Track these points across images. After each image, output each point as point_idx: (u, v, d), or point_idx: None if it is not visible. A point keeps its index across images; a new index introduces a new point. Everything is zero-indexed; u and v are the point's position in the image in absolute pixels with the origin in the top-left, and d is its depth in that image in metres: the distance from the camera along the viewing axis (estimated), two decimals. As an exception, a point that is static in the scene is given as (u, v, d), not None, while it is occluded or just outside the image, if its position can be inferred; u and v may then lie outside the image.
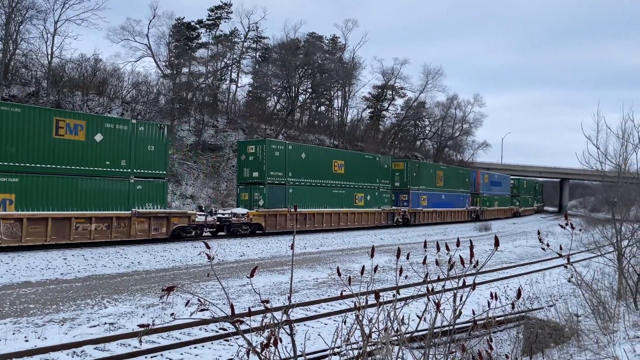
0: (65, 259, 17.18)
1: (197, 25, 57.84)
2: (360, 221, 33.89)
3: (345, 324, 4.00)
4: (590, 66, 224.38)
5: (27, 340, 8.43)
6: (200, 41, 58.38)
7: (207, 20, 58.52)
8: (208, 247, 3.61)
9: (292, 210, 27.56)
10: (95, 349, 8.14)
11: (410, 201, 39.51)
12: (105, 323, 9.68)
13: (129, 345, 8.38)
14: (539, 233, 5.43)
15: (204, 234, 24.51)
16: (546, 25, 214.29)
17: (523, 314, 8.22)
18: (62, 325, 9.45)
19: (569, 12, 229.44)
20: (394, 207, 37.75)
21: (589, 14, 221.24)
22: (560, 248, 5.38)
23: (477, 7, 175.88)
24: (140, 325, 3.23)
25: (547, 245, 4.92)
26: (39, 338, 8.59)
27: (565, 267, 5.83)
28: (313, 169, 30.40)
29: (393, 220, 37.26)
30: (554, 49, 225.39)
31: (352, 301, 4.11)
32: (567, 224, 5.18)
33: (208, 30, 59.01)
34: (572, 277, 6.79)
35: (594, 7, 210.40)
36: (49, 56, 37.47)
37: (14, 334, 8.78)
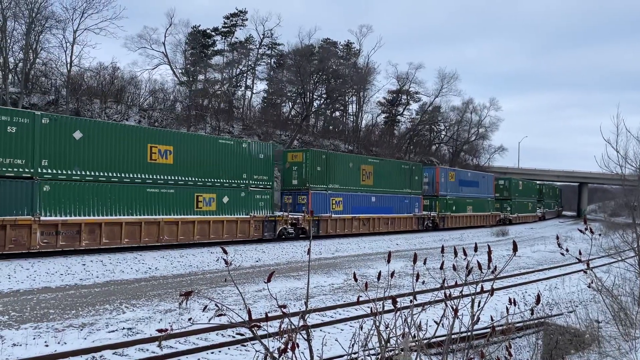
0: (84, 264, 17.39)
1: (213, 33, 58.38)
2: (192, 236, 22.13)
3: (362, 329, 3.99)
4: (604, 68, 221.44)
5: (47, 345, 8.54)
6: (215, 48, 58.92)
7: (223, 27, 59.04)
8: (225, 252, 3.64)
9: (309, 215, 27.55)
10: (114, 353, 8.22)
11: (310, 205, 28.56)
12: (124, 328, 9.77)
13: (147, 350, 8.45)
14: (557, 238, 5.37)
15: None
16: (556, 28, 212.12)
17: (542, 320, 8.11)
18: (81, 330, 9.56)
19: (578, 14, 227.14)
20: (277, 214, 26.53)
21: (598, 16, 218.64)
22: (580, 253, 5.32)
23: (485, 11, 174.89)
24: (159, 330, 3.26)
25: (567, 250, 4.87)
26: (58, 343, 8.69)
27: (585, 272, 5.75)
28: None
29: (273, 232, 26.04)
30: (565, 52, 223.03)
31: (369, 307, 4.10)
32: (586, 229, 5.11)
33: (223, 37, 59.51)
34: (592, 282, 6.68)
35: (603, 9, 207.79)
36: (68, 65, 38.10)
37: (34, 338, 8.91)
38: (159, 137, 21.59)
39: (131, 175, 20.21)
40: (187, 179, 22.21)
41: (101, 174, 19.27)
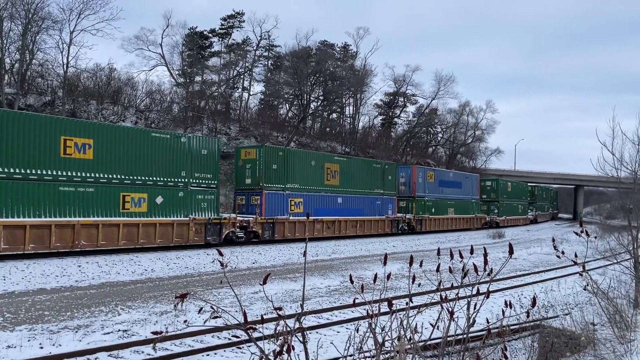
0: (79, 266, 17.34)
1: (210, 35, 58.41)
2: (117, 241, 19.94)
3: (357, 332, 3.98)
4: (600, 71, 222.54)
5: (42, 347, 8.50)
6: (213, 50, 58.95)
7: (220, 29, 59.07)
8: (221, 254, 3.63)
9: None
10: (109, 356, 8.19)
11: (264, 206, 26.20)
12: (119, 330, 9.73)
13: (142, 352, 8.42)
14: (553, 240, 5.38)
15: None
16: (551, 31, 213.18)
17: (538, 322, 8.12)
18: (76, 332, 9.52)
19: (574, 17, 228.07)
20: (223, 216, 24.74)
21: (594, 19, 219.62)
22: (576, 256, 5.32)
23: (481, 13, 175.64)
24: (154, 333, 3.25)
25: (562, 252, 4.87)
26: (53, 345, 8.65)
27: (581, 275, 5.76)
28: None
29: (219, 236, 23.75)
30: (561, 55, 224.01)
31: (365, 309, 4.10)
32: (582, 231, 5.12)
33: (221, 39, 59.54)
34: (587, 285, 6.70)
35: (599, 11, 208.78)
36: (65, 66, 38.04)
37: (29, 340, 8.86)
38: (74, 129, 18.90)
39: (39, 172, 17.87)
40: (111, 176, 19.76)
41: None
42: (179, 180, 22.32)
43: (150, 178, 21.29)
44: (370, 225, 33.46)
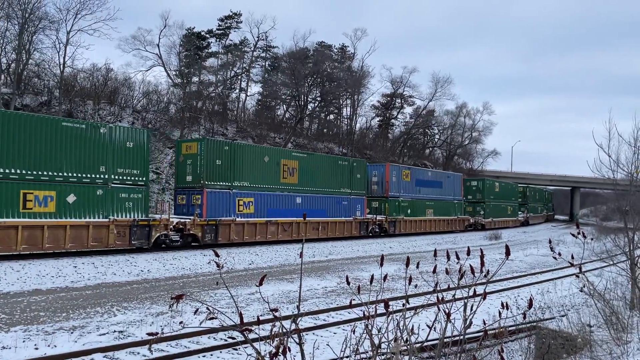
0: (75, 266, 17.27)
1: (207, 35, 58.29)
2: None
3: (354, 333, 3.97)
4: (597, 73, 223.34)
5: (37, 348, 8.46)
6: (210, 50, 58.81)
7: (217, 30, 58.98)
8: (217, 255, 3.61)
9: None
10: (104, 357, 8.16)
11: (206, 206, 23.64)
12: (115, 331, 9.69)
13: (138, 353, 8.39)
14: (550, 242, 5.38)
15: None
16: (549, 33, 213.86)
17: (535, 324, 8.12)
18: (71, 333, 9.48)
19: (571, 19, 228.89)
20: (154, 217, 22.11)
21: (591, 21, 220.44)
22: (572, 257, 5.33)
23: (477, 15, 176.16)
24: (149, 334, 3.23)
25: (559, 254, 4.88)
26: (48, 346, 8.61)
27: (577, 276, 5.77)
28: None
29: (147, 239, 21.15)
30: (557, 56, 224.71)
31: (362, 310, 4.08)
32: (578, 233, 5.13)
33: (218, 39, 59.45)
34: (584, 286, 6.71)
35: (596, 14, 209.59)
36: (61, 66, 37.92)
37: (24, 341, 8.82)
38: None
39: None
40: (7, 170, 17.37)
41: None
42: (97, 176, 19.73)
43: (60, 173, 18.67)
44: (335, 227, 30.82)
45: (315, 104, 62.81)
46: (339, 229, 31.24)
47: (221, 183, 24.72)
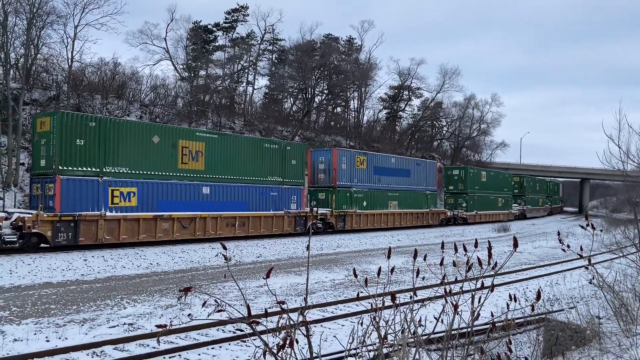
0: (85, 260, 17.43)
1: (214, 28, 58.29)
2: None
3: (361, 325, 3.98)
4: (605, 64, 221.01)
5: (48, 341, 8.56)
6: (217, 44, 58.85)
7: (224, 23, 58.95)
8: (225, 248, 3.63)
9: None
10: (114, 349, 8.23)
11: (59, 197, 18.99)
12: (125, 323, 9.78)
13: (148, 345, 8.46)
14: (559, 234, 5.35)
15: None
16: (554, 25, 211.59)
17: (543, 316, 8.10)
18: (82, 325, 9.58)
19: (578, 10, 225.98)
20: None
21: (599, 12, 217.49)
22: (581, 249, 5.30)
23: (483, 7, 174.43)
24: (158, 326, 3.26)
25: (568, 246, 4.85)
26: (59, 338, 8.71)
27: (586, 268, 5.73)
28: None
29: None
30: (564, 48, 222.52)
31: (369, 302, 4.09)
32: (587, 225, 5.09)
33: (225, 33, 59.42)
34: (593, 278, 6.66)
35: (604, 4, 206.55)
36: (69, 60, 38.06)
37: (35, 334, 8.92)
38: None
39: None
40: None
41: None
42: None
43: None
44: (259, 223, 25.77)
45: (323, 97, 62.71)
46: (265, 225, 26.14)
47: (84, 169, 19.64)
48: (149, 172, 21.63)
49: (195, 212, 22.90)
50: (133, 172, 21.10)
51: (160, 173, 22.04)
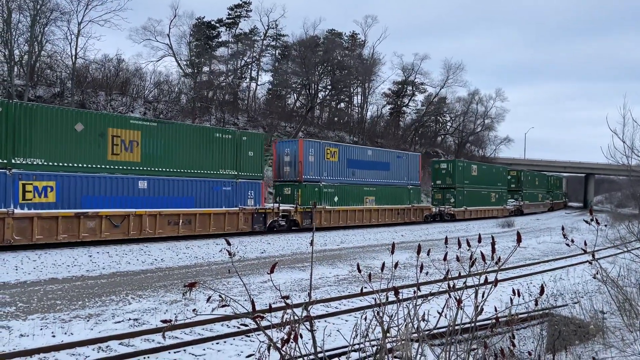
0: (90, 256, 17.52)
1: (217, 24, 58.29)
2: None
3: (365, 320, 4.00)
4: (608, 59, 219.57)
5: (54, 336, 8.62)
6: (220, 40, 58.85)
7: (227, 19, 58.92)
8: (229, 243, 3.65)
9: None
10: (120, 344, 8.29)
11: None
12: (130, 319, 9.85)
13: (153, 340, 8.51)
14: (563, 229, 5.35)
15: None
16: (558, 20, 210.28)
17: (547, 310, 8.11)
18: (87, 321, 9.64)
19: (582, 4, 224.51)
20: None
21: (601, 8, 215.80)
22: (585, 244, 5.30)
23: (487, 2, 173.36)
24: (164, 321, 3.29)
25: (572, 241, 4.85)
26: (65, 333, 8.77)
27: (590, 263, 5.73)
28: None
29: None
30: (567, 43, 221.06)
31: (373, 298, 4.11)
32: (592, 220, 5.09)
33: (228, 28, 59.40)
34: (597, 273, 6.66)
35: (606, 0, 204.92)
36: (73, 57, 38.18)
37: (41, 329, 8.99)
38: None
39: None
40: None
41: None
42: None
43: None
44: (207, 220, 23.22)
45: (326, 93, 62.66)
46: (216, 223, 23.55)
47: None
48: (70, 165, 19.11)
49: (129, 209, 20.41)
50: (51, 164, 18.60)
51: (85, 165, 19.50)
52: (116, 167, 20.35)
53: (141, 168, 21.13)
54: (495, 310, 4.22)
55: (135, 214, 20.50)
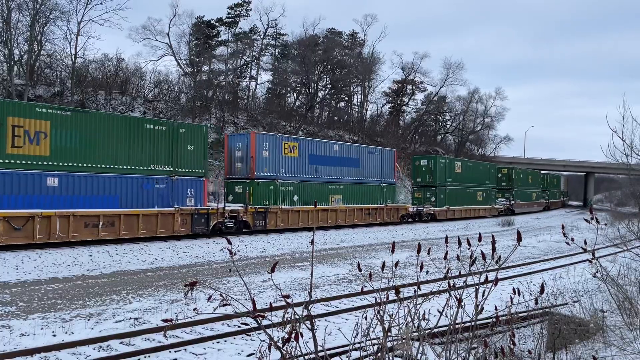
0: (90, 255, 17.53)
1: (217, 23, 58.25)
2: None
3: (366, 319, 4.01)
4: (608, 57, 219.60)
5: (54, 335, 8.63)
6: (220, 39, 58.82)
7: (227, 18, 58.88)
8: (230, 242, 3.66)
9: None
10: (120, 343, 8.30)
11: None
12: (130, 318, 9.86)
13: (154, 339, 8.52)
14: (563, 228, 5.36)
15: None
16: (555, 18, 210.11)
17: (547, 309, 8.12)
18: (88, 320, 9.65)
19: (580, 3, 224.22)
20: None
21: (600, 5, 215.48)
22: (585, 243, 5.31)
23: (485, 0, 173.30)
24: (164, 320, 3.30)
25: (572, 240, 4.86)
26: (66, 333, 8.78)
27: (590, 262, 5.74)
28: None
29: None
30: (566, 41, 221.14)
31: (373, 297, 4.12)
32: (592, 219, 5.10)
33: (228, 28, 59.37)
34: (597, 272, 6.68)
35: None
36: (73, 56, 38.16)
37: (42, 328, 9.00)
38: None
39: None
40: None
41: None
42: None
43: None
44: (136, 222, 20.39)
45: (326, 92, 62.64)
46: (146, 226, 20.75)
47: None
48: None
49: (34, 210, 17.61)
50: None
51: None
52: (18, 161, 17.56)
53: (51, 163, 18.34)
54: (496, 309, 4.23)
55: (42, 215, 17.64)
